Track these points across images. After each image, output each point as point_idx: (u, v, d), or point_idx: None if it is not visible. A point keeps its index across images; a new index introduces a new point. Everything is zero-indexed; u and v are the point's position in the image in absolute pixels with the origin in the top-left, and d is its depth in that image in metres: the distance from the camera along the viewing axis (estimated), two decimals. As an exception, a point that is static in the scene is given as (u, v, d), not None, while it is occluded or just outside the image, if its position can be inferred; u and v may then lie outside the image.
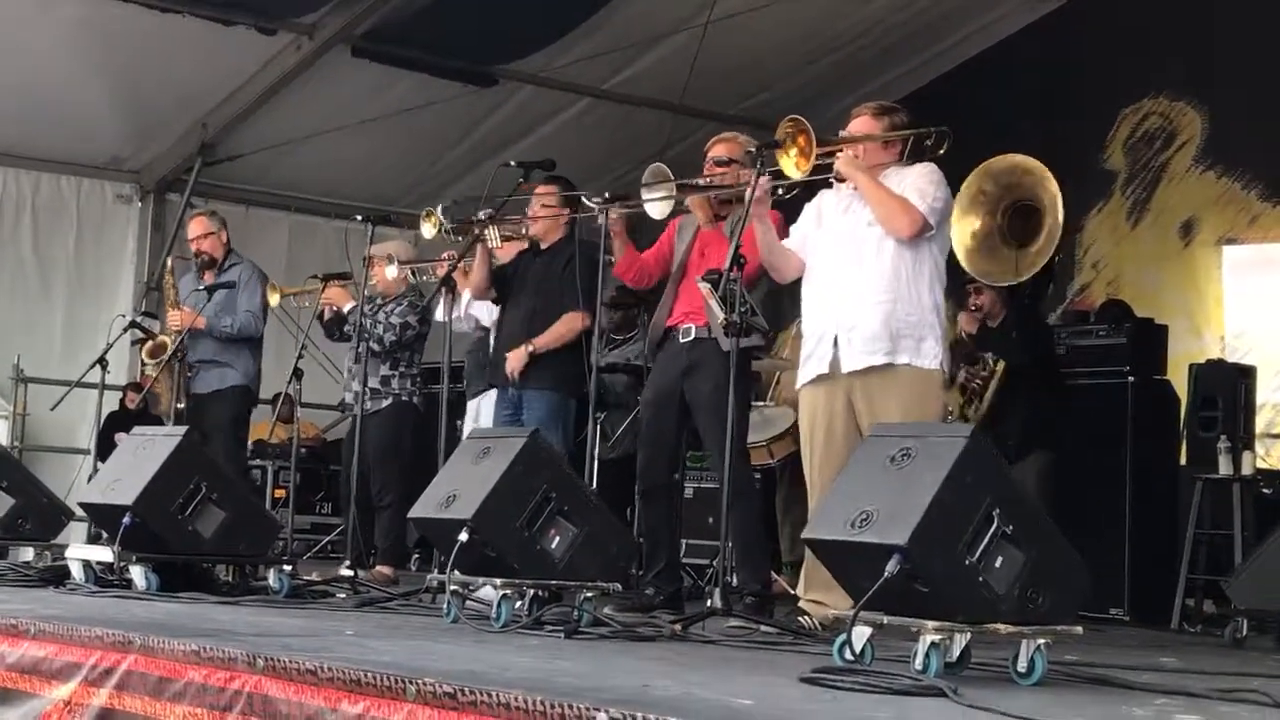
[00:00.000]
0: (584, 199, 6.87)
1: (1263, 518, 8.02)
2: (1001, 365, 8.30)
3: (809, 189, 5.96)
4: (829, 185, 5.90)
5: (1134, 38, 10.91)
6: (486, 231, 7.24)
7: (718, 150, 6.61)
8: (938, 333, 5.72)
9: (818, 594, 5.60)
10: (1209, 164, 10.59)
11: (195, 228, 8.92)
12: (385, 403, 8.39)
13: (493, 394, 7.71)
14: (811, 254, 5.89)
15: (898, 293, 5.66)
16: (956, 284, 6.28)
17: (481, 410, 8.09)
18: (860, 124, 5.91)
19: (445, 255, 7.93)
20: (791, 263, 5.96)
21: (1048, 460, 8.09)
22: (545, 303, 7.34)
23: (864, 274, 5.70)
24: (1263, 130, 10.18)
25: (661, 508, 6.56)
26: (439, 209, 7.42)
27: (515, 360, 7.28)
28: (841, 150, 5.74)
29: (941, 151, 5.78)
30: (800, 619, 5.61)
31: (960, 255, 6.10)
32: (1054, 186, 5.87)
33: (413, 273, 8.26)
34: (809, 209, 6.00)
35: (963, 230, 6.03)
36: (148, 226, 11.65)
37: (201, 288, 8.61)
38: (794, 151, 5.47)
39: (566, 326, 7.22)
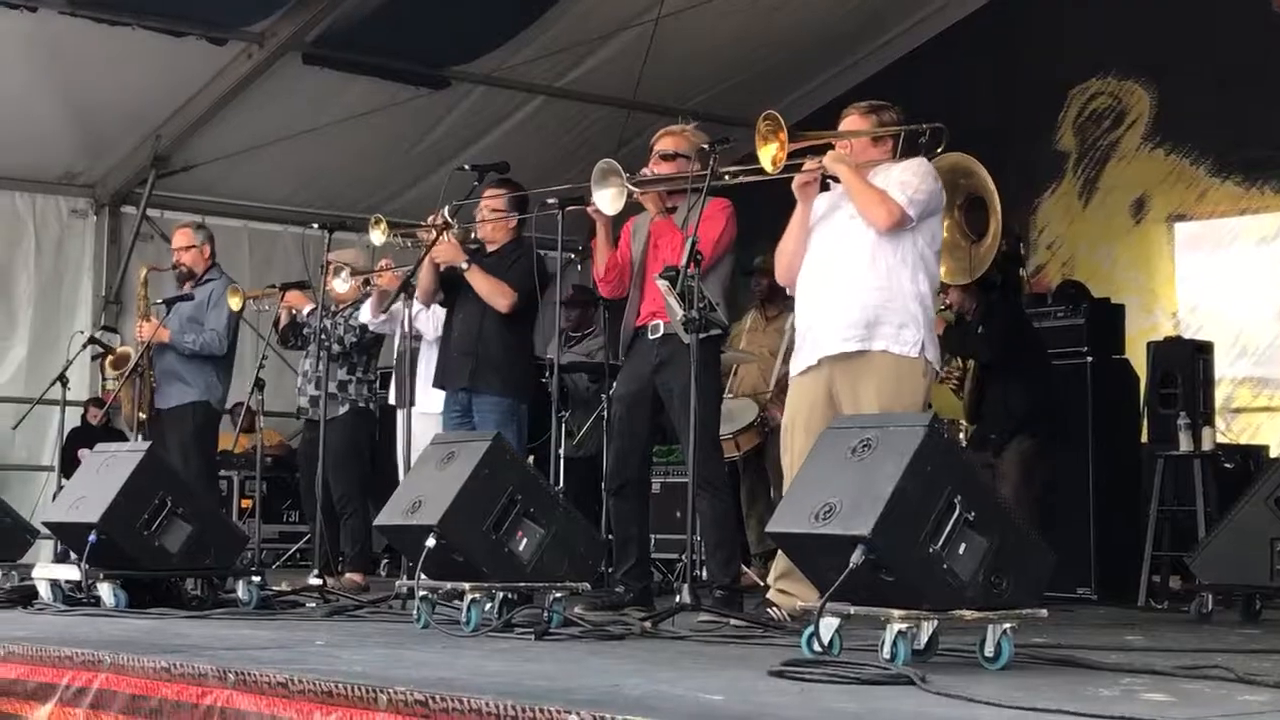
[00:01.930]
0: (545, 200, 6.85)
1: (1224, 492, 8.09)
2: (971, 363, 8.36)
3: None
4: (826, 186, 5.90)
5: (1081, 18, 10.98)
6: (441, 237, 7.23)
7: (664, 144, 6.61)
8: (920, 322, 5.69)
9: (789, 584, 5.61)
10: (1158, 141, 10.66)
11: (178, 239, 8.92)
12: (343, 409, 8.38)
13: (429, 404, 7.66)
14: (806, 253, 5.91)
15: (877, 282, 5.66)
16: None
17: (416, 420, 7.90)
18: (849, 123, 5.90)
19: (384, 263, 7.91)
20: (800, 261, 5.95)
21: (1028, 445, 8.10)
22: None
23: (845, 265, 5.72)
24: (1210, 106, 10.26)
25: (633, 504, 6.57)
26: (445, 210, 7.33)
27: (456, 253, 7.23)
28: (831, 146, 5.75)
29: (940, 149, 5.79)
30: (769, 610, 5.63)
31: None
32: (991, 183, 5.91)
33: (366, 281, 8.25)
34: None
35: None
36: (104, 240, 11.61)
37: (160, 301, 8.60)
38: (774, 146, 5.49)
39: (496, 286, 7.17)
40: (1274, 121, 9.92)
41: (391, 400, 8.10)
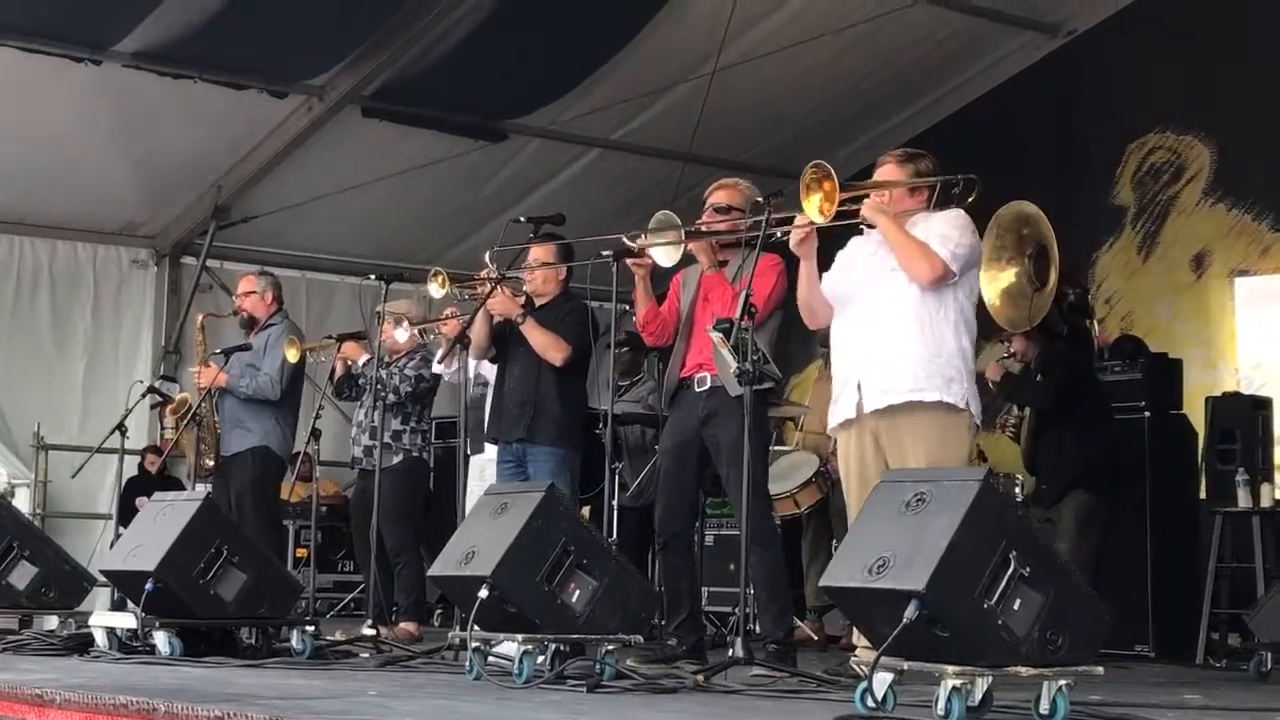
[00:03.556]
0: (599, 251, 6.86)
1: (1284, 549, 8.02)
2: (1029, 410, 8.31)
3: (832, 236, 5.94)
4: (860, 232, 5.89)
5: (1138, 72, 10.96)
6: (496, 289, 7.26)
7: (718, 197, 6.64)
8: (964, 376, 5.66)
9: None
10: (1219, 196, 10.59)
11: (241, 285, 9.06)
12: (396, 459, 8.39)
13: (493, 452, 7.66)
14: (840, 300, 5.89)
15: (923, 337, 5.63)
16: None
17: (487, 467, 8.01)
18: (885, 171, 5.89)
19: (448, 312, 7.96)
20: (827, 307, 5.95)
21: (1085, 500, 8.04)
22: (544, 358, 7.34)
23: (888, 320, 5.68)
24: (1272, 161, 10.19)
25: (682, 557, 6.56)
26: (487, 254, 7.38)
27: (511, 305, 7.26)
28: (868, 196, 5.75)
29: (971, 199, 5.77)
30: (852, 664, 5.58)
31: (988, 304, 6.11)
32: (1052, 233, 5.89)
33: (422, 333, 8.29)
34: (840, 256, 5.99)
35: (990, 280, 6.04)
36: (164, 291, 11.71)
37: (219, 351, 8.68)
38: (818, 196, 5.48)
39: (552, 340, 7.22)
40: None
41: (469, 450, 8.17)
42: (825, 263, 6.02)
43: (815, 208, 5.46)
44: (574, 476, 7.33)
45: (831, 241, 6.01)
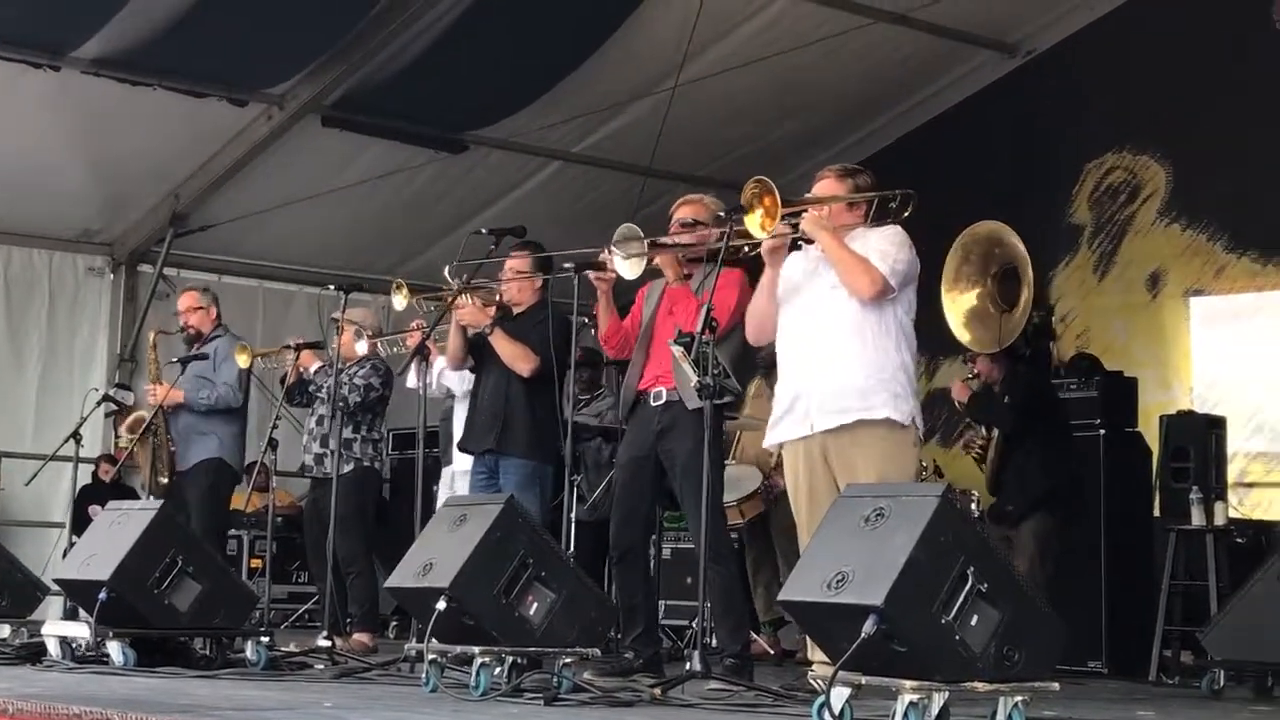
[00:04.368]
0: (562, 264, 6.85)
1: (1236, 568, 8.07)
2: (996, 432, 8.35)
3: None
4: (798, 247, 5.91)
5: (1096, 93, 11.03)
6: (460, 300, 7.25)
7: (683, 212, 6.65)
8: (908, 392, 5.70)
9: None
10: (1174, 216, 10.67)
11: (184, 301, 9.02)
12: (347, 468, 8.34)
13: (467, 461, 7.68)
14: (781, 316, 5.90)
15: (866, 354, 5.65)
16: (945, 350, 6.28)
17: (456, 478, 8.08)
18: (824, 186, 5.90)
19: (415, 324, 7.95)
20: (772, 323, 5.96)
21: (1043, 524, 8.08)
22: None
23: (830, 336, 5.69)
24: (1227, 182, 10.28)
25: (637, 571, 6.56)
26: (446, 269, 7.36)
27: (479, 316, 7.27)
28: (807, 211, 5.76)
29: (907, 214, 5.80)
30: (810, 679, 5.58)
31: (951, 324, 6.10)
32: (1025, 254, 5.91)
33: (382, 344, 8.27)
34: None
35: (952, 300, 6.05)
36: (120, 298, 11.64)
37: (174, 360, 8.64)
38: (759, 212, 5.50)
39: (519, 350, 7.20)
40: (1290, 198, 9.94)
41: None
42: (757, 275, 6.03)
43: (757, 223, 5.49)
44: (545, 488, 7.31)
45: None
